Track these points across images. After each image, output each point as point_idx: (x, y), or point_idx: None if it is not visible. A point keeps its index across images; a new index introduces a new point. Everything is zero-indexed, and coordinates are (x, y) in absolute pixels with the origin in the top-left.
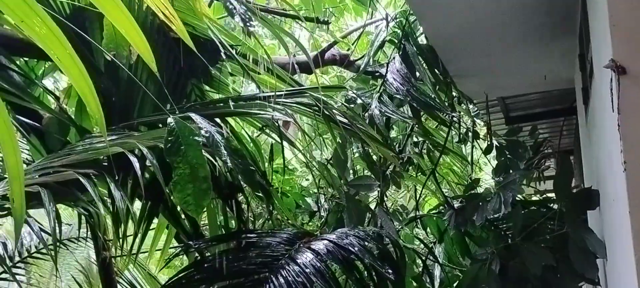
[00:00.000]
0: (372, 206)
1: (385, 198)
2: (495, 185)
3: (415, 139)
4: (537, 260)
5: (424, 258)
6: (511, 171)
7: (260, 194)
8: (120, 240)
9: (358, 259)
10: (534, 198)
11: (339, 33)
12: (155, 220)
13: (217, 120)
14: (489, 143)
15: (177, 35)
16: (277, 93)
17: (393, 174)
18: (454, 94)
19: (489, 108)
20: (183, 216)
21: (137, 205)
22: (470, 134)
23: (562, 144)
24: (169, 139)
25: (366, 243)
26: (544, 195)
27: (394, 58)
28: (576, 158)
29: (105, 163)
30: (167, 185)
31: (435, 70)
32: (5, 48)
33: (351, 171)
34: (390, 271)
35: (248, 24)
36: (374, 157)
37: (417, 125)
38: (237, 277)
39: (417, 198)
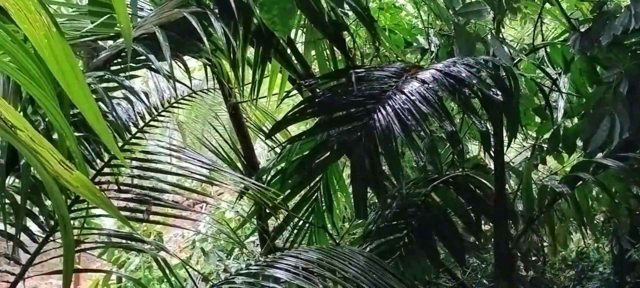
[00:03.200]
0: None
1: (502, 29)
2: None
3: None
4: None
5: (548, 89)
6: None
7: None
8: (241, 85)
9: (465, 85)
10: None
11: None
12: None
13: None
14: None
15: None
16: None
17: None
18: None
19: None
20: (294, 60)
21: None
22: None
23: None
24: None
25: (474, 69)
26: None
27: None
28: None
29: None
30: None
31: None
32: None
33: (461, 1)
34: (498, 94)
35: None
36: None
37: None
38: (347, 108)
39: (536, 24)
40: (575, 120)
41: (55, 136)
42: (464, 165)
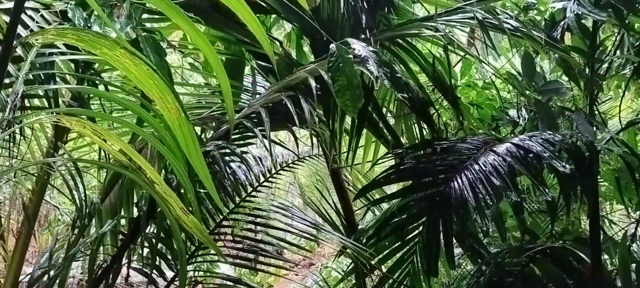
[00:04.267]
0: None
1: (595, 105)
2: None
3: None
4: None
5: None
6: None
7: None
8: (338, 152)
9: (536, 159)
10: None
11: None
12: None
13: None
14: None
15: None
16: (439, 12)
17: (593, 77)
18: None
19: None
20: (386, 130)
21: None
22: None
23: None
24: (332, 59)
25: (549, 144)
26: None
27: None
28: None
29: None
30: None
31: None
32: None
33: (543, 78)
34: (566, 167)
35: None
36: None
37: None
38: (428, 176)
39: (622, 98)
40: None
41: (182, 190)
42: (564, 237)
